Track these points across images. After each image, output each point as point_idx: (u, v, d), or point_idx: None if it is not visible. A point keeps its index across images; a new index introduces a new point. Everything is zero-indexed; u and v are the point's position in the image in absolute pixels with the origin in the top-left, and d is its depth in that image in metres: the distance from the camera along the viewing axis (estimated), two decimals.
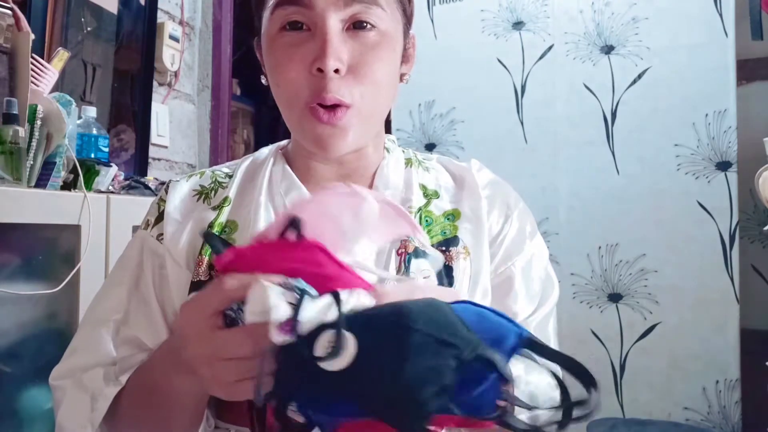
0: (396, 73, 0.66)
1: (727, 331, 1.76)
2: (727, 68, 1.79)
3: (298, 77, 0.60)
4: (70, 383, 0.63)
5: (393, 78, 0.65)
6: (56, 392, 0.64)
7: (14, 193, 1.09)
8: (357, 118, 0.61)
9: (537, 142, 2.00)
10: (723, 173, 1.79)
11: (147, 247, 0.67)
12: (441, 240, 0.65)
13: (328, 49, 0.58)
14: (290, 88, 0.61)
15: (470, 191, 0.69)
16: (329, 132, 0.61)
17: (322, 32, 0.59)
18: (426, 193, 0.69)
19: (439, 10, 2.16)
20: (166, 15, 2.00)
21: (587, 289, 1.93)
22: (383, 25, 0.62)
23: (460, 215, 0.67)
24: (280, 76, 0.62)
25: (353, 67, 0.60)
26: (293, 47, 0.61)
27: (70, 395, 0.62)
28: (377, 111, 0.65)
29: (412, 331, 0.36)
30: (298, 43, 0.60)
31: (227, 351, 0.43)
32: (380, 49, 0.61)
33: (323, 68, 0.58)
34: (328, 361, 0.36)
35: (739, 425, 1.75)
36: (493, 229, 0.68)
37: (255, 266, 0.42)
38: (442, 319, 0.38)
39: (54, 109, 1.23)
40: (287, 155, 0.72)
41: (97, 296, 0.68)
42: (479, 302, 0.63)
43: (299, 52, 0.60)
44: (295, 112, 0.62)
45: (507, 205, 0.70)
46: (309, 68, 0.60)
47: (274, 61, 0.63)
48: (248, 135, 3.14)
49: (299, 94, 0.61)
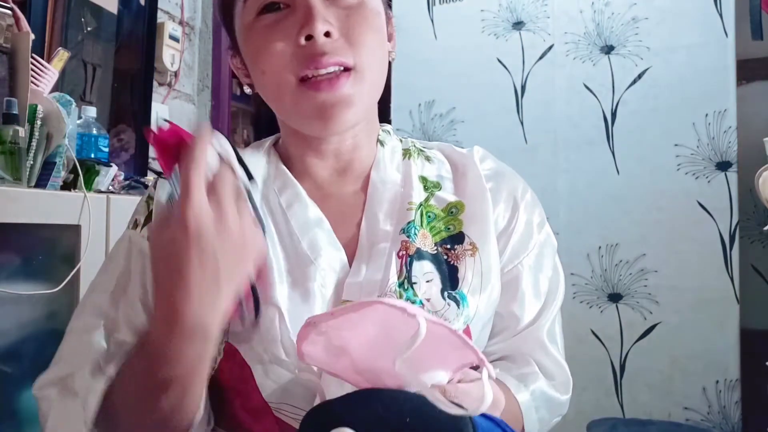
0: (383, 43, 0.63)
1: (727, 331, 1.76)
2: (727, 68, 1.79)
3: (284, 52, 0.57)
4: (56, 392, 0.57)
5: (382, 47, 0.62)
6: (42, 403, 0.58)
7: (14, 193, 1.09)
8: (359, 84, 0.58)
9: (537, 142, 2.00)
10: (723, 173, 1.79)
11: (135, 248, 0.63)
12: (445, 237, 0.63)
13: (314, 12, 0.55)
14: (277, 67, 0.57)
15: (473, 182, 0.67)
16: (332, 100, 0.57)
17: (303, 3, 0.56)
18: (426, 185, 0.67)
19: (439, 10, 2.16)
20: (166, 15, 2.00)
21: (587, 289, 1.93)
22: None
23: (463, 208, 0.65)
24: (263, 59, 0.58)
25: (344, 32, 0.57)
26: (274, 26, 0.58)
27: (58, 404, 0.56)
28: (376, 78, 0.61)
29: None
30: (278, 21, 0.58)
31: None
32: (365, 11, 0.59)
33: (313, 33, 0.55)
34: None
35: (739, 425, 1.75)
36: (500, 223, 0.66)
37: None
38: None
39: (54, 109, 1.23)
40: (280, 152, 0.70)
41: (83, 302, 0.64)
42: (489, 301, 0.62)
43: (280, 28, 0.57)
44: (287, 91, 0.58)
45: (513, 198, 0.67)
46: (295, 40, 0.56)
47: (254, 48, 0.59)
48: (248, 135, 3.14)
49: (289, 68, 0.57)
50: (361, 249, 0.62)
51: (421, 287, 0.59)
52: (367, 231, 0.63)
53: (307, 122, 0.60)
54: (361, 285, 0.59)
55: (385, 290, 0.58)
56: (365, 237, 0.62)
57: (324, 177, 0.67)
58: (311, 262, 0.60)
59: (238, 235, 0.46)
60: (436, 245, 0.63)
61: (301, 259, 0.60)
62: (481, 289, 0.62)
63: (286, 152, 0.68)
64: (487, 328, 0.66)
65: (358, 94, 0.58)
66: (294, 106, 0.60)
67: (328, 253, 0.60)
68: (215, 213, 0.45)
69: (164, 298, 0.46)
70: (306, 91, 0.57)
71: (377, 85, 0.62)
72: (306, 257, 0.60)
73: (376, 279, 0.59)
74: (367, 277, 0.59)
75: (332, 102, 0.57)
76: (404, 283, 0.59)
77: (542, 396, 0.64)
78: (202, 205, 0.44)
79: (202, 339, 0.47)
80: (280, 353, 0.56)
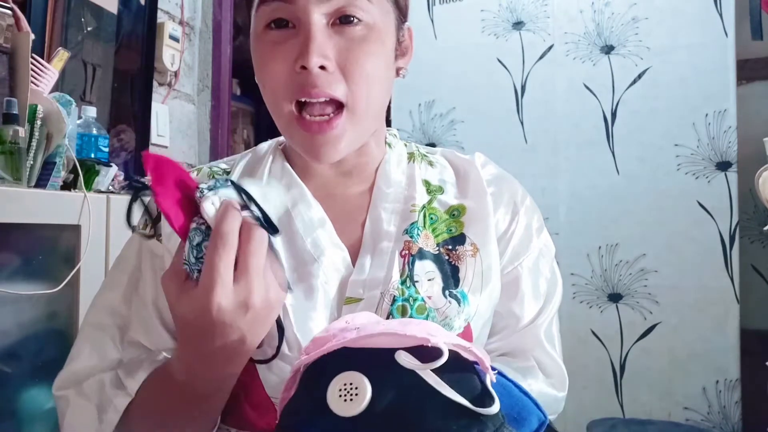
0: (389, 67, 0.63)
1: (727, 331, 1.76)
2: (727, 68, 1.79)
3: (281, 76, 0.58)
4: (74, 393, 0.60)
5: (385, 72, 0.62)
6: (60, 402, 0.61)
7: (14, 193, 1.09)
8: (350, 122, 0.59)
9: (537, 142, 2.00)
10: (723, 173, 1.79)
11: (145, 247, 0.64)
12: (447, 238, 0.64)
13: (311, 45, 0.56)
14: (275, 86, 0.59)
15: (475, 186, 0.68)
16: (321, 141, 0.58)
17: (306, 28, 0.57)
18: (429, 189, 0.68)
19: (439, 10, 2.16)
20: (166, 15, 2.00)
21: (587, 289, 1.93)
22: (370, 18, 0.59)
23: (465, 211, 0.66)
24: (264, 75, 0.60)
25: (341, 64, 0.58)
26: (277, 45, 0.58)
27: (75, 405, 0.59)
28: (371, 109, 0.61)
29: (438, 394, 0.35)
30: (282, 40, 0.58)
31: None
32: (368, 43, 0.59)
33: (306, 65, 0.56)
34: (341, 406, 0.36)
35: (739, 425, 1.75)
36: (500, 226, 0.67)
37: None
38: (472, 389, 0.37)
39: (54, 109, 1.23)
40: (286, 151, 0.70)
41: (95, 300, 0.66)
42: (489, 300, 0.63)
43: (282, 50, 0.58)
44: (283, 116, 0.60)
45: (514, 203, 0.69)
46: (292, 66, 0.57)
47: (260, 61, 0.61)
48: (248, 135, 3.14)
49: (284, 93, 0.58)
50: (364, 248, 0.63)
51: (422, 285, 0.60)
52: (371, 230, 0.64)
53: (299, 150, 0.62)
54: (364, 282, 0.60)
55: (388, 287, 0.59)
56: (369, 236, 0.63)
57: (329, 177, 0.67)
58: (314, 260, 0.60)
59: (264, 307, 0.48)
60: (438, 246, 0.64)
61: (305, 257, 0.61)
62: (482, 289, 0.63)
63: (292, 152, 0.69)
64: (487, 327, 0.67)
65: (349, 131, 0.59)
66: (288, 133, 0.61)
67: (331, 253, 0.61)
68: (243, 295, 0.46)
69: (187, 350, 0.50)
70: (298, 128, 0.59)
71: (375, 116, 0.63)
72: (309, 256, 0.61)
73: (379, 277, 0.60)
74: (371, 275, 0.60)
75: (321, 142, 0.59)
76: (407, 281, 0.60)
77: (540, 390, 0.65)
78: (228, 295, 0.45)
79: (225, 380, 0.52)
80: (284, 348, 0.56)
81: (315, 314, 0.58)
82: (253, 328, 0.48)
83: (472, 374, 0.38)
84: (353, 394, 0.36)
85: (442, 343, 0.37)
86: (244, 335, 0.47)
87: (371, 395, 0.36)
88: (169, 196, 0.46)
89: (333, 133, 0.58)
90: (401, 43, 0.66)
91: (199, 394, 0.53)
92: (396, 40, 0.64)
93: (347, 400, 0.36)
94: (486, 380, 0.38)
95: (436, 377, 0.36)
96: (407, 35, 0.67)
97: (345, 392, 0.37)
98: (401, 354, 0.37)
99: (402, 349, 0.38)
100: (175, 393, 0.53)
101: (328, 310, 0.59)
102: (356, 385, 0.37)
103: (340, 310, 0.59)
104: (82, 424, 0.58)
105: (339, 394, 0.37)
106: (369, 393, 0.36)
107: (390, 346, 0.39)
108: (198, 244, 0.46)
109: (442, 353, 0.37)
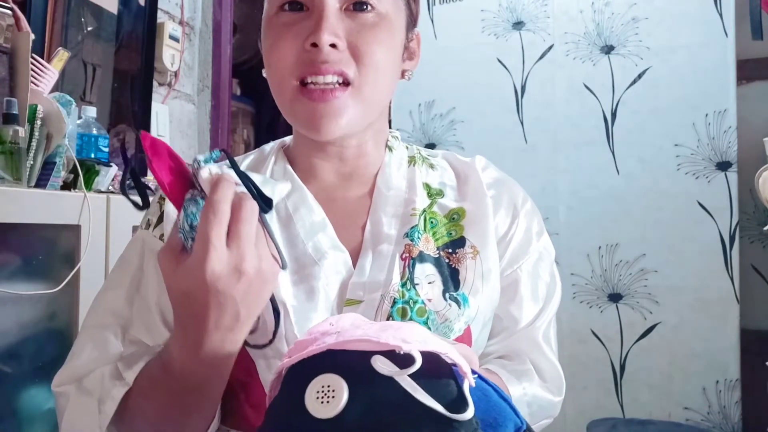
0: (396, 61, 0.64)
1: (727, 331, 1.76)
2: (727, 68, 1.79)
3: (290, 53, 0.59)
4: (74, 388, 0.59)
5: (393, 66, 0.63)
6: (59, 399, 0.60)
7: (14, 193, 1.09)
8: (354, 99, 0.59)
9: (537, 142, 2.00)
10: (723, 173, 1.79)
11: (148, 247, 0.64)
12: (447, 242, 0.64)
13: (323, 23, 0.57)
14: (282, 65, 0.59)
15: (474, 190, 0.68)
16: (322, 111, 0.58)
17: (319, 9, 0.58)
18: (430, 192, 0.68)
19: (439, 10, 2.16)
20: (166, 15, 2.00)
21: (587, 289, 1.93)
22: (383, 8, 0.60)
23: (465, 214, 0.66)
24: (272, 56, 0.60)
25: (352, 46, 0.59)
26: (288, 26, 0.59)
27: (75, 401, 0.59)
28: (376, 96, 0.62)
29: (413, 399, 0.36)
30: (293, 22, 0.59)
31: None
32: (379, 30, 0.60)
33: (318, 42, 0.56)
34: (318, 407, 0.36)
35: (739, 425, 1.75)
36: (500, 229, 0.67)
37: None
38: (448, 393, 0.37)
39: (54, 109, 1.23)
40: (289, 153, 0.71)
41: (97, 299, 0.66)
42: (489, 302, 0.63)
43: (293, 30, 0.59)
44: (287, 91, 0.60)
45: (514, 206, 0.69)
46: (302, 45, 0.58)
47: (268, 43, 0.61)
48: (248, 135, 3.14)
49: (291, 70, 0.59)
50: (365, 250, 0.63)
51: (423, 288, 0.60)
52: (372, 234, 0.64)
53: (300, 126, 0.63)
54: (365, 285, 0.60)
55: (389, 290, 0.59)
56: (369, 239, 0.64)
57: (330, 180, 0.68)
58: (315, 263, 0.61)
59: (257, 276, 0.48)
60: (438, 249, 0.64)
61: (306, 260, 0.61)
62: (482, 291, 0.63)
63: (294, 153, 0.70)
64: (487, 329, 0.67)
65: (353, 108, 0.60)
66: (290, 109, 0.61)
67: (332, 255, 0.61)
68: (235, 261, 0.46)
69: (184, 330, 0.50)
70: (301, 98, 0.59)
71: (378, 104, 0.63)
72: (310, 258, 0.61)
73: (380, 279, 0.60)
74: (371, 277, 0.60)
75: (322, 113, 0.59)
76: (407, 284, 0.60)
77: (534, 394, 0.65)
78: (221, 259, 0.45)
79: (222, 363, 0.51)
80: (284, 348, 0.56)
81: (316, 315, 0.58)
82: (246, 299, 0.48)
83: (450, 379, 0.38)
84: (330, 396, 0.37)
85: (416, 350, 0.38)
86: (238, 308, 0.47)
87: (347, 398, 0.36)
88: (165, 167, 0.48)
89: (335, 103, 0.58)
90: (409, 45, 0.67)
91: (194, 381, 0.52)
92: (405, 39, 0.65)
93: (324, 402, 0.37)
94: (463, 385, 0.38)
95: (412, 382, 0.37)
96: (416, 40, 0.68)
97: (322, 394, 0.37)
98: (377, 359, 0.38)
99: (381, 353, 0.38)
100: (171, 380, 0.53)
101: (328, 312, 0.59)
102: (333, 388, 0.37)
103: (340, 312, 0.59)
104: (82, 419, 0.58)
105: (316, 396, 0.37)
106: (346, 395, 0.36)
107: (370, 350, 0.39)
108: (193, 213, 0.47)
109: (415, 360, 0.37)
